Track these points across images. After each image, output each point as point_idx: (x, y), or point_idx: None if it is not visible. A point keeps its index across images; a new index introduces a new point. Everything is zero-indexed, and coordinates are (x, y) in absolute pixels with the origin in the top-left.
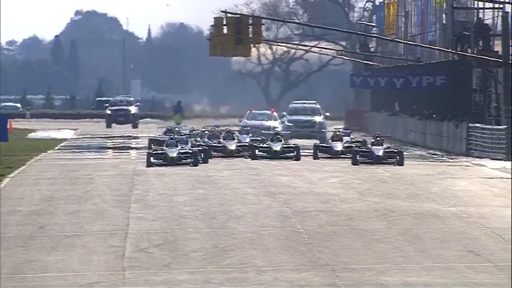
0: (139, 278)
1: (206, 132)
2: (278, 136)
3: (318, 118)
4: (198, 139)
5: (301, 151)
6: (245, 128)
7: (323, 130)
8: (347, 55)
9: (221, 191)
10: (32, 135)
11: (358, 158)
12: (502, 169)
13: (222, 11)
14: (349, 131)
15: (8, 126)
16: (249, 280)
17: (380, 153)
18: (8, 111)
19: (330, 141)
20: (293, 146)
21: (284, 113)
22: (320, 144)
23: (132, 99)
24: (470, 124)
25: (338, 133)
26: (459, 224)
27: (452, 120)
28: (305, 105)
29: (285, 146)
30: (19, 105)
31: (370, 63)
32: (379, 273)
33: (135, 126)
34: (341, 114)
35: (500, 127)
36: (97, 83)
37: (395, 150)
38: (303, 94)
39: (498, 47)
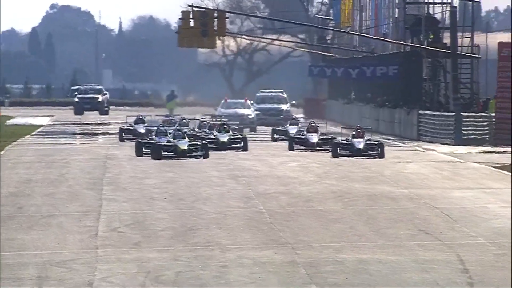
0: (111, 256)
1: (205, 122)
2: (225, 126)
3: (284, 106)
4: (197, 129)
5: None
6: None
7: (289, 117)
8: (306, 47)
9: (188, 174)
10: (10, 121)
11: (338, 151)
12: (450, 154)
13: (189, 5)
14: (298, 121)
15: None
16: (214, 257)
17: (361, 145)
18: None
19: (305, 133)
20: (240, 136)
21: (252, 101)
22: (296, 136)
23: (100, 87)
24: (420, 111)
25: (313, 125)
26: (410, 205)
27: (404, 108)
28: (272, 94)
29: (232, 137)
30: None
31: (327, 54)
32: (336, 251)
33: (102, 113)
34: (301, 102)
35: (448, 114)
36: (72, 73)
37: (376, 143)
38: (265, 84)
39: (446, 39)
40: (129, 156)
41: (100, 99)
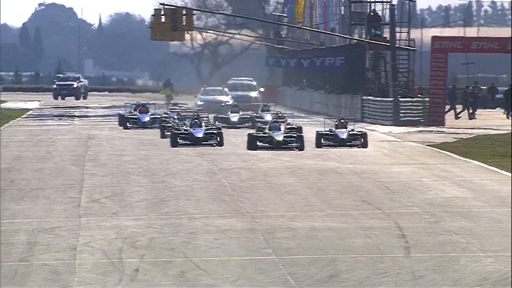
0: (92, 224)
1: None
2: (197, 120)
3: (253, 94)
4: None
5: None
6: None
7: (257, 103)
8: (263, 41)
9: (160, 152)
10: (3, 105)
11: (322, 141)
12: (389, 134)
13: (160, 4)
14: (240, 108)
15: None
16: (183, 225)
17: (344, 136)
18: None
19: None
20: (215, 132)
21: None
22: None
23: (77, 75)
24: (363, 97)
25: (280, 115)
26: (355, 178)
27: (349, 93)
28: (242, 81)
29: (206, 132)
30: None
31: (282, 47)
32: (290, 219)
33: (77, 98)
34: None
35: (387, 99)
36: (57, 62)
37: (359, 133)
38: (229, 73)
39: (386, 33)
40: (107, 136)
41: (75, 86)
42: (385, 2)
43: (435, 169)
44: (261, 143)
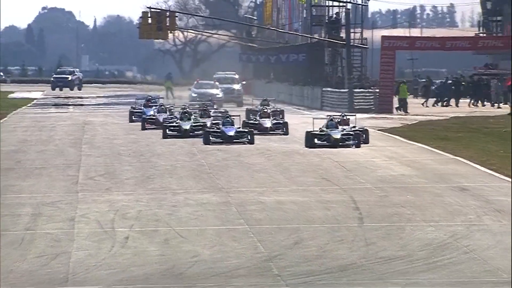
0: (88, 198)
1: (162, 107)
2: (186, 114)
3: (236, 86)
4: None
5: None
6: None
7: (240, 95)
8: (237, 40)
9: (147, 136)
10: (11, 95)
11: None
12: None
13: (147, 7)
14: (215, 103)
15: None
16: (167, 199)
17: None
18: None
19: (258, 118)
20: (202, 124)
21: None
22: (249, 121)
23: (72, 69)
24: (323, 88)
25: (266, 110)
26: (316, 159)
27: (310, 85)
28: (226, 75)
29: (194, 124)
30: (1, 73)
31: (252, 45)
32: (259, 194)
33: (71, 89)
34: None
35: (343, 90)
36: (58, 58)
37: (361, 129)
38: (207, 68)
39: (342, 33)
40: (101, 122)
41: (70, 78)
42: (341, 6)
43: (385, 151)
44: (319, 141)
